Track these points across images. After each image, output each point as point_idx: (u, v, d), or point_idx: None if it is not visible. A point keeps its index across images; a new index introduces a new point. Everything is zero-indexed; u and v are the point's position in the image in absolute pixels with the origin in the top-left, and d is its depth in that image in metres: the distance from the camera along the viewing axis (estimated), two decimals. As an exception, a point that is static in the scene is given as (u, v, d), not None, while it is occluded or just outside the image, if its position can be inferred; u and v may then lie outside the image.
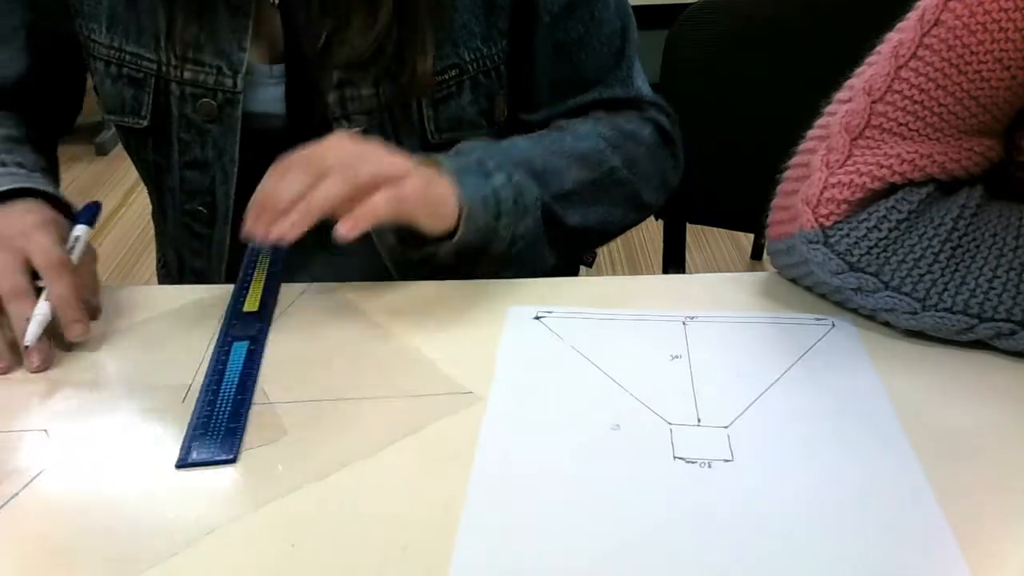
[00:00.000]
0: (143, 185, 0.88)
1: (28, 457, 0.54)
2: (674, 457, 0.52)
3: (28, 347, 0.60)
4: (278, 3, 0.73)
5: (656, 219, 1.17)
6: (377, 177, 0.60)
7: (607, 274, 2.12)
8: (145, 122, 0.76)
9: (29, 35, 0.79)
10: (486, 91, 0.77)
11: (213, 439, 0.54)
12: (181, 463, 0.52)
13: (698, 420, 0.55)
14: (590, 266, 1.05)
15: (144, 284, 0.71)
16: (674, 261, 1.20)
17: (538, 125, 0.79)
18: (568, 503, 0.49)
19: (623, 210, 0.79)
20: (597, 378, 0.59)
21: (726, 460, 0.51)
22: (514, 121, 0.80)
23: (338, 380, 0.59)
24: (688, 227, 1.19)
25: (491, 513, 0.48)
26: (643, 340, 0.62)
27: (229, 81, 0.73)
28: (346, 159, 0.60)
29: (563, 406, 0.56)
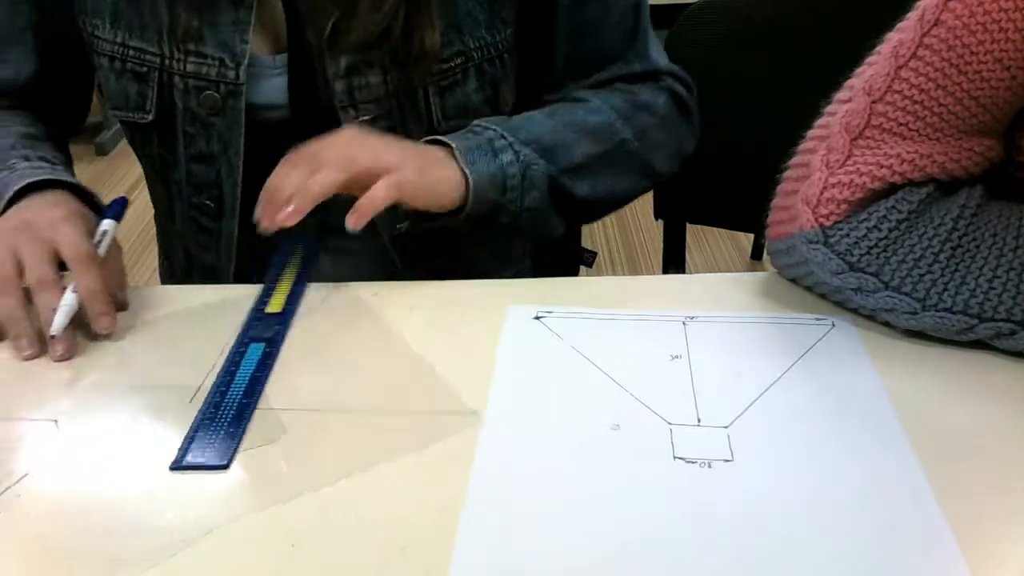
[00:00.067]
0: (143, 185, 0.89)
1: (32, 448, 0.54)
2: (674, 457, 0.52)
3: (54, 337, 0.61)
4: None
5: (656, 219, 1.17)
6: (372, 165, 0.64)
7: (607, 274, 2.12)
8: (150, 116, 0.77)
9: (36, 36, 0.79)
10: (491, 79, 0.78)
11: (211, 443, 0.54)
12: (175, 465, 0.52)
13: (698, 420, 0.55)
14: (590, 266, 1.05)
15: (144, 284, 0.71)
16: (674, 261, 1.20)
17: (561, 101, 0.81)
18: (568, 503, 0.49)
19: (633, 180, 0.82)
20: (597, 378, 0.59)
21: (726, 460, 0.51)
22: (530, 106, 0.81)
23: (344, 389, 0.58)
24: (688, 227, 1.18)
25: (491, 513, 0.48)
26: (643, 340, 0.62)
27: (232, 73, 0.73)
28: (343, 150, 0.65)
29: (563, 406, 0.56)
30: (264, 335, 0.63)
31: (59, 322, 0.61)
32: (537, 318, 0.65)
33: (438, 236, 0.72)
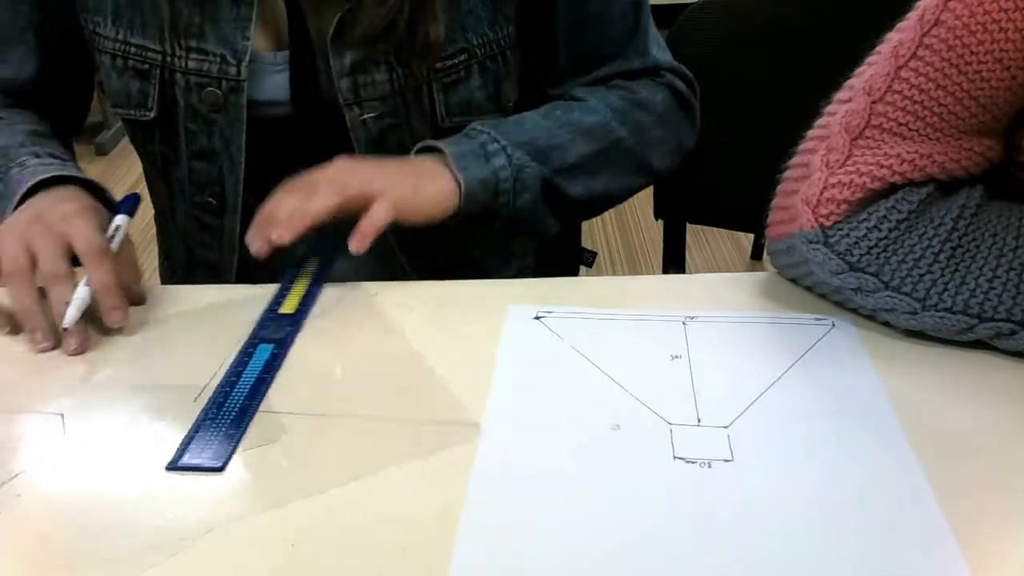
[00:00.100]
0: (142, 185, 0.89)
1: (34, 445, 0.54)
2: (674, 457, 0.52)
3: (67, 330, 0.62)
4: None
5: (656, 219, 1.17)
6: (365, 188, 0.66)
7: (607, 274, 2.12)
8: (152, 114, 0.77)
9: (37, 36, 0.79)
10: (494, 76, 0.78)
11: (209, 444, 0.54)
12: (171, 465, 0.52)
13: (698, 420, 0.55)
14: (590, 266, 1.05)
15: (144, 284, 0.71)
16: (674, 261, 1.20)
17: (560, 99, 0.82)
18: (568, 503, 0.49)
19: (629, 178, 0.82)
20: (597, 378, 0.59)
21: (726, 460, 0.51)
22: (532, 102, 0.82)
23: (345, 391, 0.58)
24: (688, 227, 1.19)
25: (491, 513, 0.48)
26: (643, 340, 0.62)
27: (233, 70, 0.74)
28: (338, 177, 0.67)
29: (563, 406, 0.56)
30: (274, 336, 0.63)
31: (71, 315, 0.61)
32: (537, 318, 0.65)
33: (439, 236, 0.72)
